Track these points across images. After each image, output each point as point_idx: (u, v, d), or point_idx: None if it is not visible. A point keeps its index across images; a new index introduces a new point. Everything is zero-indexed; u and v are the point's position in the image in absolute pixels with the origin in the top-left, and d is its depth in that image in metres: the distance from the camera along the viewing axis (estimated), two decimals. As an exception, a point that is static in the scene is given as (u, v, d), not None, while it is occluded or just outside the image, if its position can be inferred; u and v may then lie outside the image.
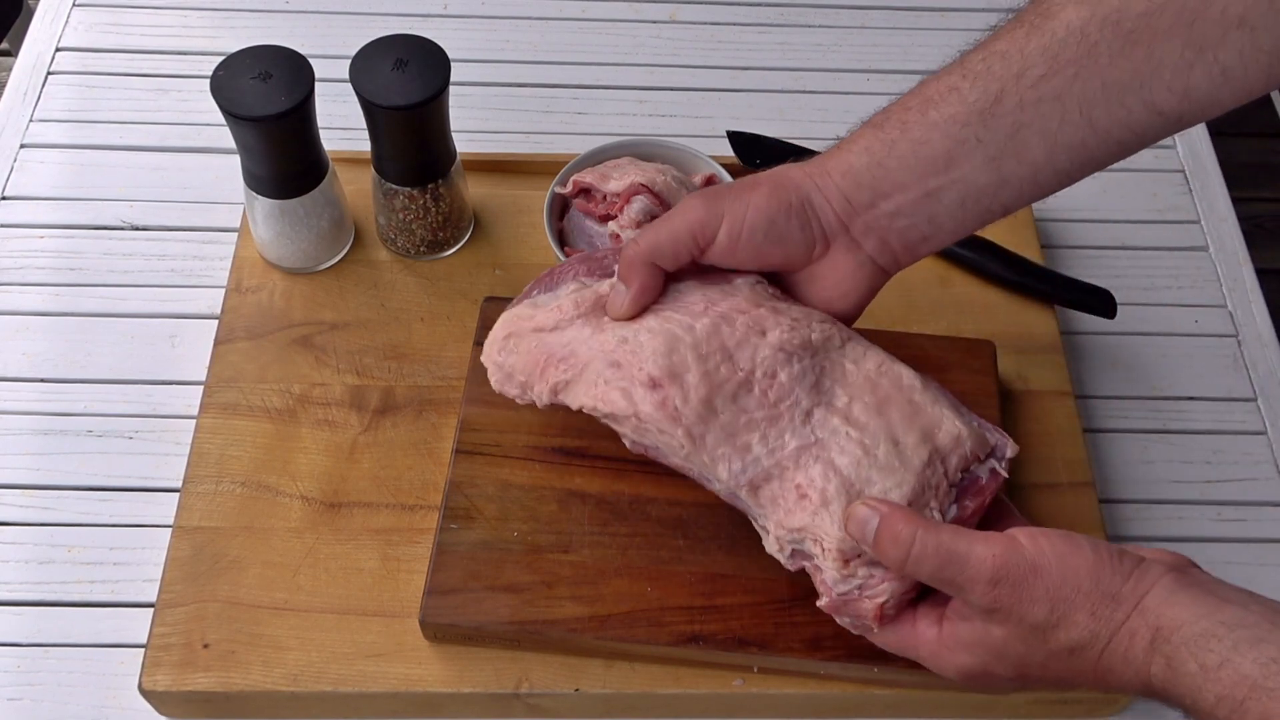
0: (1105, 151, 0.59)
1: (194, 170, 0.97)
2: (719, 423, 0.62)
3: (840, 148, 0.63)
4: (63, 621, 0.76)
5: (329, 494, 0.78)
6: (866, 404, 0.63)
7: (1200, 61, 0.55)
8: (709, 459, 0.62)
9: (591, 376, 0.64)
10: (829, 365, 0.64)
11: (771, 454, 0.62)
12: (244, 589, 0.74)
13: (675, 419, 0.62)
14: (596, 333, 0.65)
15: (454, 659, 0.72)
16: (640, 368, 0.62)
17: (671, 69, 1.06)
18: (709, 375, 0.62)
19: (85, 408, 0.84)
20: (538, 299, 0.68)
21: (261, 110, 0.75)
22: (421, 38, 0.79)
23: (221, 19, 1.07)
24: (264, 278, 0.87)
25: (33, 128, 0.99)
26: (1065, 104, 0.58)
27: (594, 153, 0.88)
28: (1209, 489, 0.84)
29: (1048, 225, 0.96)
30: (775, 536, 0.63)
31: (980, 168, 0.60)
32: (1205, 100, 0.56)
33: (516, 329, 0.68)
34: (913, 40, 1.08)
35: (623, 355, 0.63)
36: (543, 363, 0.66)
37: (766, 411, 0.62)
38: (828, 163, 0.63)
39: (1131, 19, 0.55)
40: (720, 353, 0.62)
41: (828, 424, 0.63)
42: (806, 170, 0.63)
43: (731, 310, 0.64)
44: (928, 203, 0.61)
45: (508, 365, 0.68)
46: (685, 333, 0.62)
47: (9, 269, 0.90)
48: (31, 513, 0.79)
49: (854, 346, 0.65)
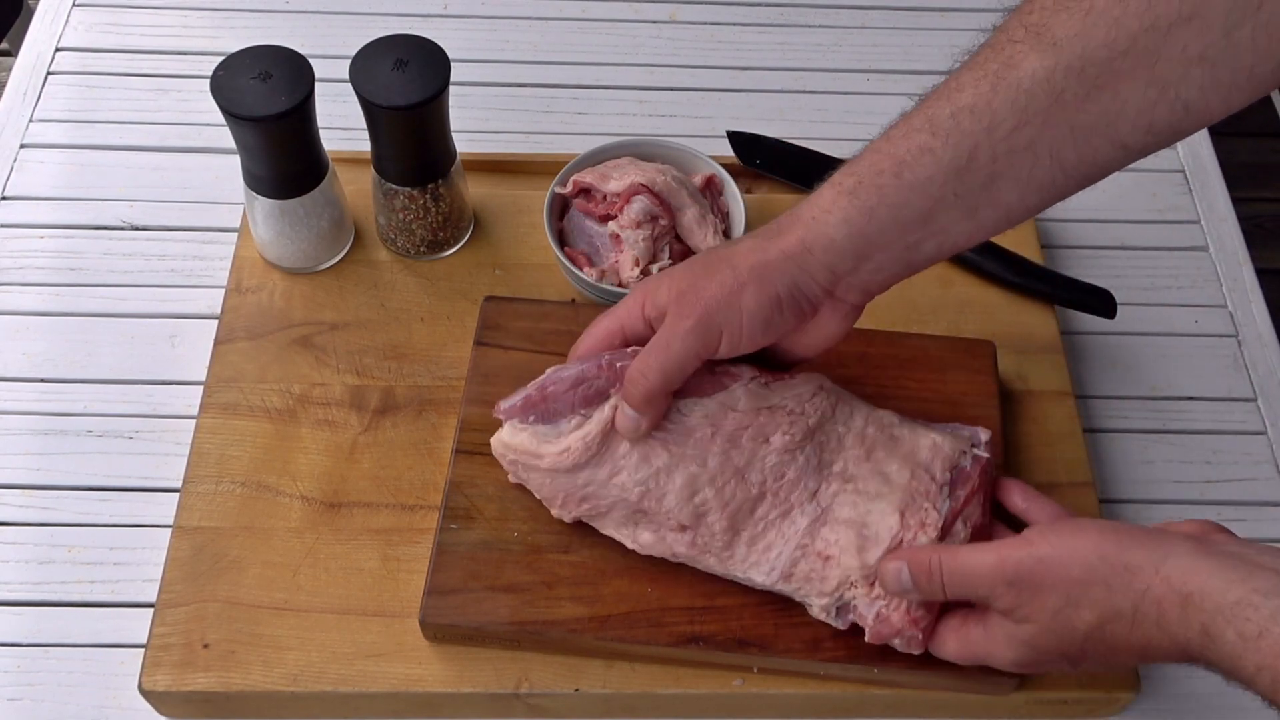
0: (1073, 186, 0.61)
1: (194, 170, 0.97)
2: (742, 539, 0.69)
3: (815, 220, 0.63)
4: (63, 621, 0.76)
5: (329, 494, 0.78)
6: (856, 456, 0.70)
7: (1163, 99, 0.56)
8: (740, 572, 0.69)
9: (619, 518, 0.70)
10: (825, 440, 0.70)
11: (788, 540, 0.69)
12: (244, 589, 0.74)
13: (706, 550, 0.69)
14: (614, 475, 0.69)
15: (454, 659, 0.72)
16: (670, 516, 0.69)
17: (671, 69, 1.06)
18: (727, 505, 0.68)
19: (85, 408, 0.84)
20: (539, 430, 0.70)
21: (261, 110, 0.75)
22: (421, 38, 0.79)
23: (221, 19, 1.07)
24: (264, 278, 0.87)
25: (33, 128, 0.99)
26: (1036, 151, 0.59)
27: (594, 153, 0.88)
28: (1209, 489, 0.84)
29: (1048, 225, 0.96)
30: (820, 606, 0.68)
31: (957, 219, 0.61)
32: (1168, 133, 0.57)
33: (524, 461, 0.71)
34: (913, 40, 1.08)
35: (649, 504, 0.69)
36: (561, 498, 0.71)
37: (780, 509, 0.69)
38: (806, 239, 0.63)
39: (1095, 65, 0.56)
40: (734, 479, 0.69)
41: (829, 491, 0.69)
42: (786, 252, 0.64)
43: (736, 429, 0.69)
44: (907, 254, 0.63)
45: (520, 477, 0.73)
46: (700, 469, 0.68)
47: (9, 269, 0.90)
48: (31, 513, 0.79)
49: (842, 409, 0.72)
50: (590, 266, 0.85)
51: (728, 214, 0.88)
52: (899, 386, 0.79)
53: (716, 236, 0.85)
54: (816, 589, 0.68)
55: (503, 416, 0.71)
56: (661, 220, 0.84)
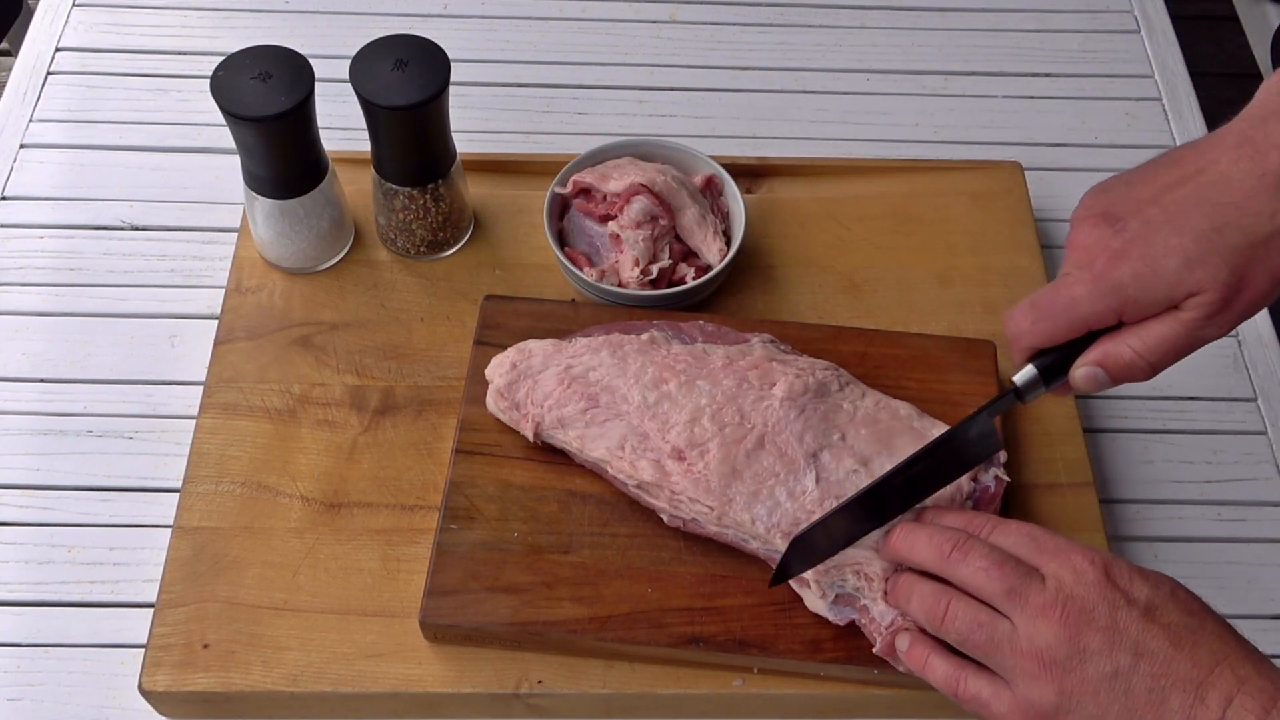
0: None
1: (194, 170, 0.97)
2: (743, 483, 0.70)
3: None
4: (63, 622, 0.76)
5: (329, 494, 0.77)
6: (865, 436, 0.72)
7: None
8: (742, 516, 0.70)
9: (616, 436, 0.72)
10: (830, 411, 0.73)
11: (794, 498, 0.70)
12: (244, 589, 0.74)
13: (703, 484, 0.70)
14: (627, 383, 0.74)
15: (454, 659, 0.72)
16: (668, 442, 0.71)
17: (671, 69, 1.06)
18: (726, 439, 0.71)
19: (85, 408, 0.84)
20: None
21: (261, 110, 0.75)
22: (421, 38, 0.79)
23: (221, 19, 1.07)
24: (264, 278, 0.87)
25: (32, 128, 0.99)
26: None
27: (594, 153, 0.88)
28: (1209, 489, 0.84)
29: (1048, 225, 0.96)
30: (815, 582, 0.68)
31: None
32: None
33: (539, 354, 0.75)
34: (913, 40, 1.08)
35: (651, 426, 0.72)
36: (559, 394, 0.74)
37: (785, 466, 0.70)
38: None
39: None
40: (737, 416, 0.72)
41: (840, 463, 0.70)
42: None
43: (747, 366, 0.74)
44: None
45: (514, 396, 0.75)
46: (707, 401, 0.72)
47: (9, 269, 0.90)
48: (31, 513, 0.79)
49: (852, 389, 0.75)
50: (590, 266, 0.85)
51: (728, 214, 0.88)
52: (899, 387, 0.79)
53: (717, 237, 0.85)
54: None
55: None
56: (661, 220, 0.84)
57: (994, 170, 0.95)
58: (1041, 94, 1.06)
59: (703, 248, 0.86)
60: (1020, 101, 1.05)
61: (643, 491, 0.72)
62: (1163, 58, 1.08)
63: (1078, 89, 1.06)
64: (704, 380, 0.73)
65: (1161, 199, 0.59)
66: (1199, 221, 0.57)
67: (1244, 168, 0.57)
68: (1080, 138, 1.03)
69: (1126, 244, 0.58)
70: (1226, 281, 0.57)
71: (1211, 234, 0.57)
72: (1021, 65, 1.07)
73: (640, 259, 0.84)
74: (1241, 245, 0.57)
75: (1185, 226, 0.57)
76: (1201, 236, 0.57)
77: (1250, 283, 0.57)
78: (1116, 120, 1.04)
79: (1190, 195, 0.58)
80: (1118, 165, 1.01)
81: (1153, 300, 0.58)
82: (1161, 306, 0.58)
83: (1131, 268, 0.58)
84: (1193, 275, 0.57)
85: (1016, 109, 1.05)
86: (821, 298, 0.88)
